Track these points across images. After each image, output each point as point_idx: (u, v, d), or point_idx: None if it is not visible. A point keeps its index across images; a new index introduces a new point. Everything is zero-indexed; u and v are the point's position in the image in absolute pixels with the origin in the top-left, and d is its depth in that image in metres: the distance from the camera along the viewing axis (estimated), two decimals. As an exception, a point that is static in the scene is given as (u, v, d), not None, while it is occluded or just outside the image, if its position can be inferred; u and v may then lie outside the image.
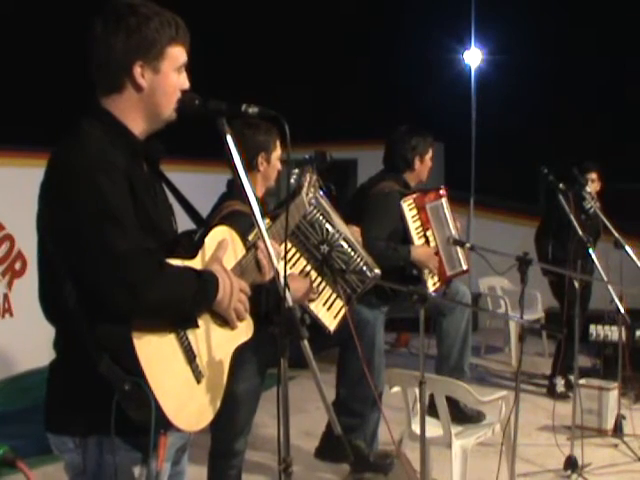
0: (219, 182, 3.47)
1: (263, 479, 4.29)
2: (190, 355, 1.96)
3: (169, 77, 2.01)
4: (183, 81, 2.06)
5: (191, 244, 2.07)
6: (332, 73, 10.06)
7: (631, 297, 5.33)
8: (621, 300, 4.42)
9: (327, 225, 3.43)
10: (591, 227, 5.35)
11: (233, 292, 2.03)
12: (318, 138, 9.11)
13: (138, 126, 2.02)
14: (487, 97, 9.57)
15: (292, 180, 2.89)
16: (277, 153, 3.34)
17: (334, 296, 3.42)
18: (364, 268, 3.58)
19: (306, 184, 2.80)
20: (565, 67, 9.58)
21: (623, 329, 5.08)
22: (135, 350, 1.82)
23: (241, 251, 2.21)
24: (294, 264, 3.31)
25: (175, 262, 1.95)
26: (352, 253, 3.54)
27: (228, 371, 2.12)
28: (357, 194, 4.74)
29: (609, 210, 4.94)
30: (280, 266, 2.08)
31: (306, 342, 1.99)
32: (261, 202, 3.23)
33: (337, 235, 3.47)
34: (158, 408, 1.83)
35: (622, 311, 4.33)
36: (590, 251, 4.24)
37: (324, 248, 3.40)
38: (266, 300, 3.03)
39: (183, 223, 2.20)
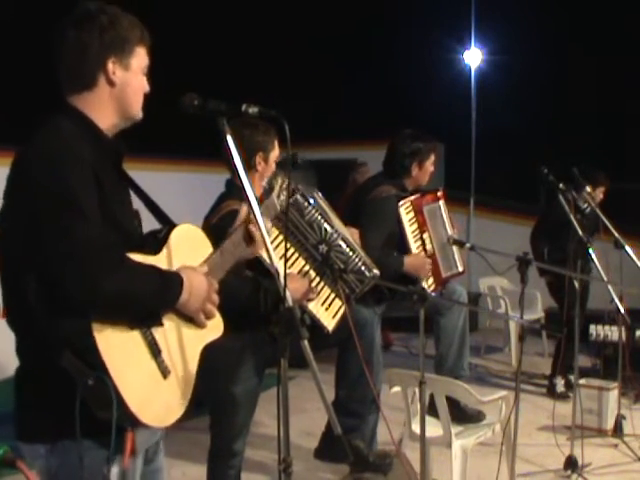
0: (219, 182, 3.47)
1: (263, 479, 4.29)
2: (155, 350, 1.94)
3: (138, 75, 2.08)
4: (145, 84, 2.12)
5: (156, 242, 2.08)
6: (332, 73, 10.06)
7: (631, 297, 5.32)
8: (621, 300, 4.42)
9: (326, 225, 3.43)
10: (587, 227, 5.35)
11: (201, 293, 2.04)
12: (318, 138, 9.13)
13: (107, 123, 2.06)
14: (487, 97, 9.57)
15: (264, 183, 2.93)
16: (275, 153, 3.34)
17: (333, 296, 3.42)
18: (363, 268, 3.59)
19: (277, 187, 2.80)
20: (565, 67, 9.58)
21: (623, 329, 5.09)
22: (96, 344, 1.79)
23: (207, 248, 2.21)
24: (293, 264, 3.31)
25: (138, 257, 1.94)
26: (351, 253, 3.54)
27: (198, 368, 2.10)
28: (355, 196, 4.73)
29: (609, 210, 4.93)
30: (279, 265, 2.08)
31: (306, 342, 1.99)
32: (260, 201, 3.23)
33: (336, 235, 3.47)
34: (122, 403, 1.80)
35: (622, 311, 4.33)
36: (590, 251, 4.24)
37: (323, 248, 3.41)
38: (265, 300, 3.04)
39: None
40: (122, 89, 2.05)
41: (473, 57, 9.62)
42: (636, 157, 8.54)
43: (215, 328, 2.19)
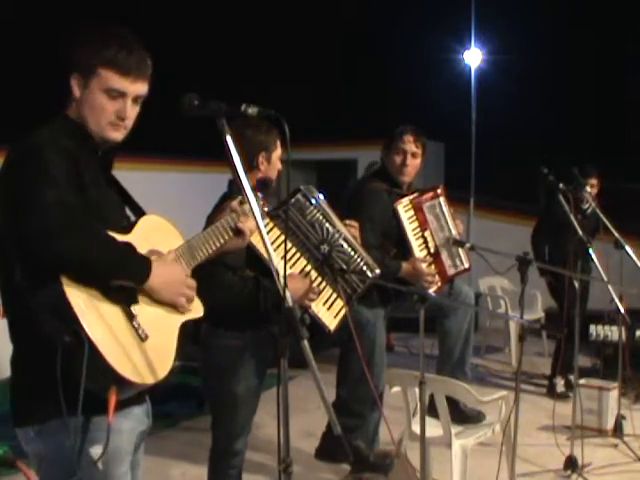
0: (219, 182, 3.47)
1: (263, 479, 4.29)
2: (129, 314, 2.01)
3: (96, 94, 2.15)
4: (119, 108, 2.16)
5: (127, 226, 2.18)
6: (332, 73, 10.05)
7: (631, 297, 5.33)
8: (621, 300, 4.42)
9: (327, 225, 3.43)
10: (587, 227, 5.35)
11: (178, 280, 2.11)
12: (318, 138, 9.13)
13: (92, 129, 2.17)
14: (487, 97, 9.57)
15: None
16: (278, 153, 3.34)
17: (334, 296, 3.42)
18: (364, 268, 3.59)
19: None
20: (565, 67, 9.57)
21: (623, 329, 5.09)
22: (71, 305, 1.87)
23: (176, 238, 2.26)
24: (294, 263, 3.31)
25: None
26: (352, 253, 3.54)
27: (177, 344, 2.13)
28: (350, 195, 4.72)
29: (609, 210, 4.93)
30: (280, 265, 2.08)
31: (306, 342, 1.99)
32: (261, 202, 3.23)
33: (337, 235, 3.47)
34: (99, 356, 1.86)
35: (622, 311, 4.34)
36: (590, 251, 4.24)
37: (324, 248, 3.40)
38: (265, 299, 3.05)
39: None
40: (81, 105, 2.16)
41: (473, 57, 9.62)
42: (636, 157, 8.54)
43: (195, 309, 2.23)
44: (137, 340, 1.99)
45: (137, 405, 2.19)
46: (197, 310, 2.24)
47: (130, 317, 2.00)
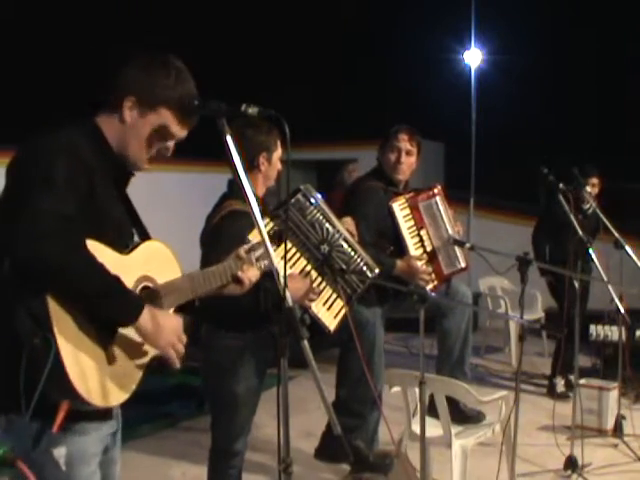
0: (219, 182, 3.47)
1: (263, 479, 4.29)
2: (105, 337, 1.98)
3: (146, 127, 2.13)
4: (165, 147, 2.18)
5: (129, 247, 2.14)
6: (332, 73, 10.05)
7: (631, 297, 5.33)
8: (621, 300, 4.42)
9: (327, 225, 3.43)
10: (588, 227, 5.35)
11: (172, 331, 2.06)
12: (318, 138, 9.13)
13: (115, 147, 2.14)
14: (487, 97, 9.57)
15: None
16: (278, 153, 3.34)
17: (334, 296, 3.42)
18: (364, 268, 3.59)
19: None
20: (565, 67, 9.57)
21: (623, 329, 5.09)
22: (49, 311, 1.85)
23: (173, 269, 2.24)
24: (294, 264, 3.31)
25: (106, 250, 1.99)
26: (352, 253, 3.54)
27: (144, 373, 2.10)
28: (346, 195, 4.72)
29: (609, 210, 4.93)
30: (279, 266, 2.08)
31: (306, 342, 1.99)
32: (261, 202, 3.23)
33: (337, 235, 3.47)
34: (62, 367, 1.84)
35: (622, 311, 4.34)
36: (590, 251, 4.24)
37: (324, 248, 3.41)
38: (265, 300, 3.05)
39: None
40: (128, 129, 2.13)
41: (473, 57, 9.62)
42: (636, 157, 8.53)
43: None
44: (103, 362, 1.97)
45: (103, 421, 2.14)
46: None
47: (105, 340, 1.98)
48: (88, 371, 1.92)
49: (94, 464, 2.11)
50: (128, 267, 2.06)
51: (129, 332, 2.03)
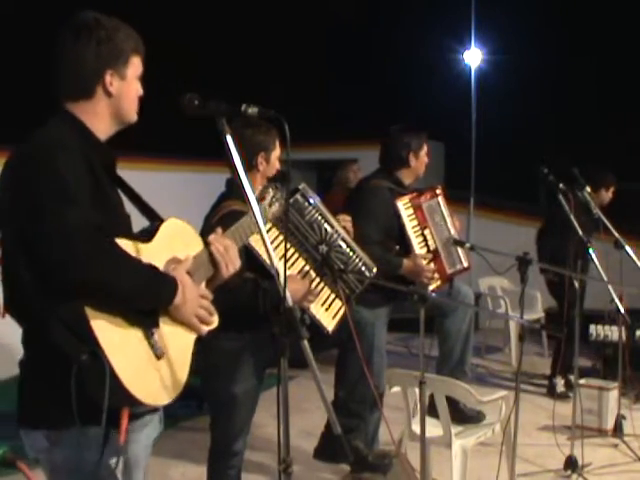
0: (219, 182, 3.47)
1: (263, 479, 4.29)
2: (148, 331, 1.98)
3: (132, 83, 2.16)
4: (139, 88, 2.20)
5: (147, 233, 2.13)
6: (332, 73, 10.05)
7: (631, 297, 5.33)
8: (621, 300, 4.42)
9: (325, 225, 3.43)
10: (588, 227, 5.35)
11: (193, 300, 2.07)
12: (318, 138, 9.13)
13: (102, 130, 2.14)
14: (487, 97, 9.56)
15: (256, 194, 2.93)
16: (277, 153, 3.34)
17: (333, 296, 3.42)
18: (363, 268, 3.58)
19: (268, 197, 2.79)
20: (565, 67, 9.57)
21: (623, 329, 5.08)
22: (89, 322, 1.83)
23: (195, 242, 2.24)
24: (293, 264, 3.30)
25: (130, 244, 1.98)
26: (351, 253, 3.54)
27: (191, 357, 2.13)
28: (351, 194, 4.73)
29: (609, 210, 4.93)
30: (279, 266, 2.08)
31: (306, 342, 1.99)
32: (260, 202, 3.22)
33: (336, 235, 3.47)
34: (115, 377, 1.83)
35: (622, 311, 4.34)
36: (590, 251, 4.24)
37: (323, 248, 3.40)
38: (264, 300, 3.05)
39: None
40: (119, 98, 2.14)
41: (473, 57, 9.61)
42: (636, 157, 8.53)
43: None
44: (153, 358, 1.98)
45: (152, 413, 2.18)
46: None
47: (148, 335, 1.98)
48: (141, 373, 1.92)
49: (143, 469, 2.19)
50: (155, 255, 2.06)
51: (167, 320, 2.04)
